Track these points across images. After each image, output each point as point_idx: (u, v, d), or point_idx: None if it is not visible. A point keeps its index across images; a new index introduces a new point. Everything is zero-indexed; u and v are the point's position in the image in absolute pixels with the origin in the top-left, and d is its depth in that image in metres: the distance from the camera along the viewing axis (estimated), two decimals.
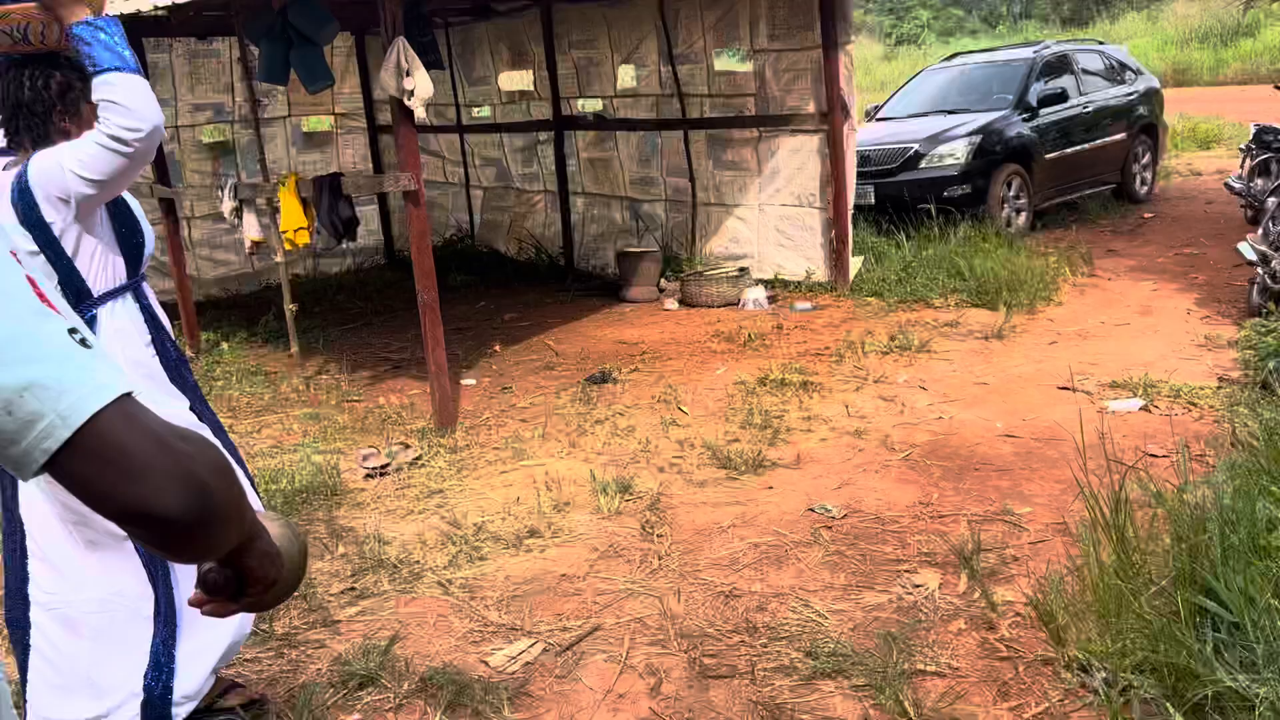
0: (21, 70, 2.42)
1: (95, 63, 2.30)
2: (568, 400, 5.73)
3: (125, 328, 2.50)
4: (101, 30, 2.31)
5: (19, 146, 2.47)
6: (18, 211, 2.35)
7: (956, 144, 9.05)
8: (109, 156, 2.31)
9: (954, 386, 5.44)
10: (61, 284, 2.39)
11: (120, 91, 2.29)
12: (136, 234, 2.57)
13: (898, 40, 41.98)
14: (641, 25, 8.82)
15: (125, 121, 2.29)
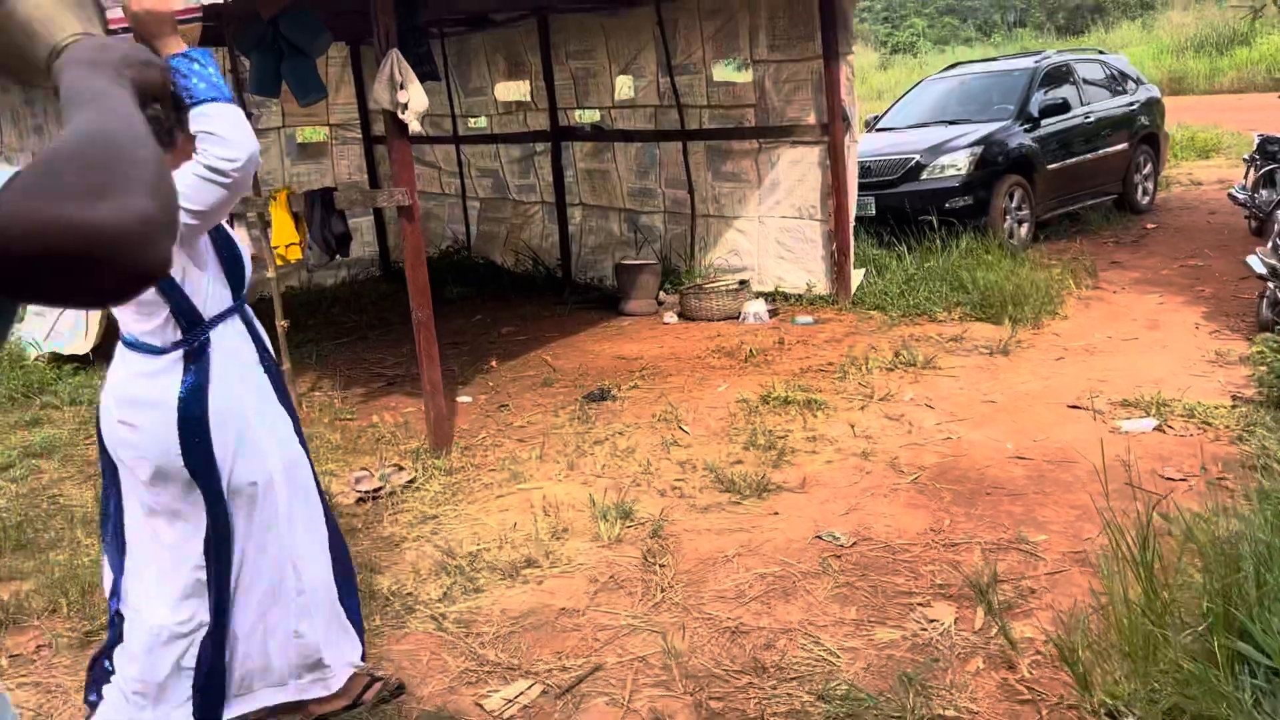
0: None
1: (192, 94, 2.35)
2: (566, 419, 5.59)
3: (236, 348, 2.59)
4: (196, 62, 2.37)
5: None
6: None
7: (958, 155, 8.94)
8: (209, 187, 2.35)
9: (961, 405, 5.32)
10: (174, 312, 2.47)
11: (218, 122, 2.34)
12: (237, 257, 2.65)
13: (893, 49, 42.02)
14: (640, 35, 8.71)
15: (223, 152, 2.34)
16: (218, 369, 2.51)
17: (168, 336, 2.49)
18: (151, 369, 2.48)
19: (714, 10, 8.10)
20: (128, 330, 2.55)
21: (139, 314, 2.49)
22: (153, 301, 2.45)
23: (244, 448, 2.54)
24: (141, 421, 2.49)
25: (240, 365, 2.58)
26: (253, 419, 2.58)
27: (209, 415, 2.49)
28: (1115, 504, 3.78)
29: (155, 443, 2.48)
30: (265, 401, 2.64)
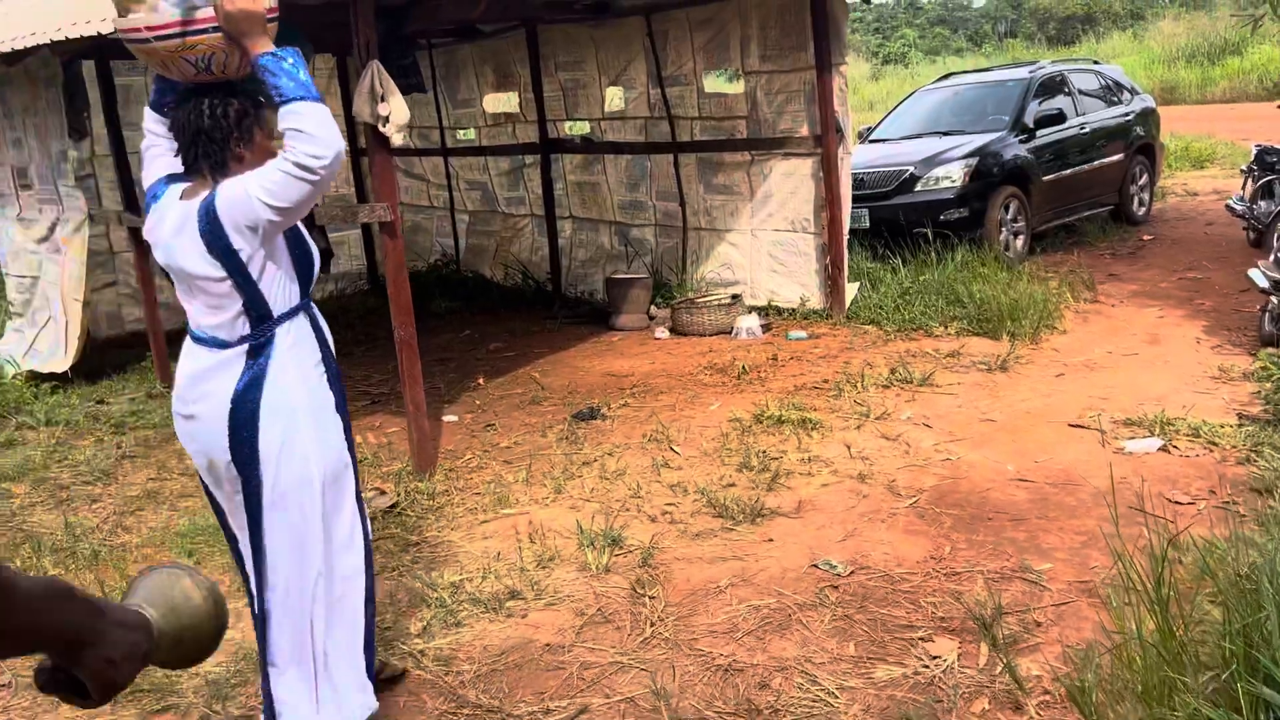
0: (201, 98, 2.49)
1: (281, 92, 2.39)
2: (554, 439, 5.44)
3: (298, 345, 2.59)
4: (285, 60, 2.41)
5: (196, 173, 2.54)
6: (205, 240, 2.44)
7: (953, 166, 8.83)
8: (295, 184, 2.38)
9: (960, 424, 5.18)
10: (246, 307, 2.51)
11: (306, 120, 2.37)
12: (308, 255, 2.67)
13: (884, 60, 42.05)
14: (629, 46, 8.59)
15: (311, 149, 2.36)
16: (276, 365, 2.53)
17: (236, 330, 2.53)
18: (215, 362, 2.52)
19: (704, 21, 7.98)
20: (197, 324, 2.59)
21: (210, 307, 2.53)
22: (226, 295, 2.49)
23: (289, 448, 2.54)
24: (198, 411, 2.54)
25: (299, 363, 2.58)
26: (302, 419, 2.56)
27: (260, 410, 2.50)
28: (1123, 530, 3.64)
29: (208, 434, 2.52)
30: (319, 403, 2.62)
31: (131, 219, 6.98)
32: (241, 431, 2.50)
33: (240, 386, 2.50)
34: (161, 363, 7.21)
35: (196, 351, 2.59)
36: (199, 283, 2.50)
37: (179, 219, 2.50)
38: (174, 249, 2.51)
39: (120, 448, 5.91)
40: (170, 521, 4.70)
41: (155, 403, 6.85)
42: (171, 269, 2.57)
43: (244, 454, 2.51)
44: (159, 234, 2.57)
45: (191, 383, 2.57)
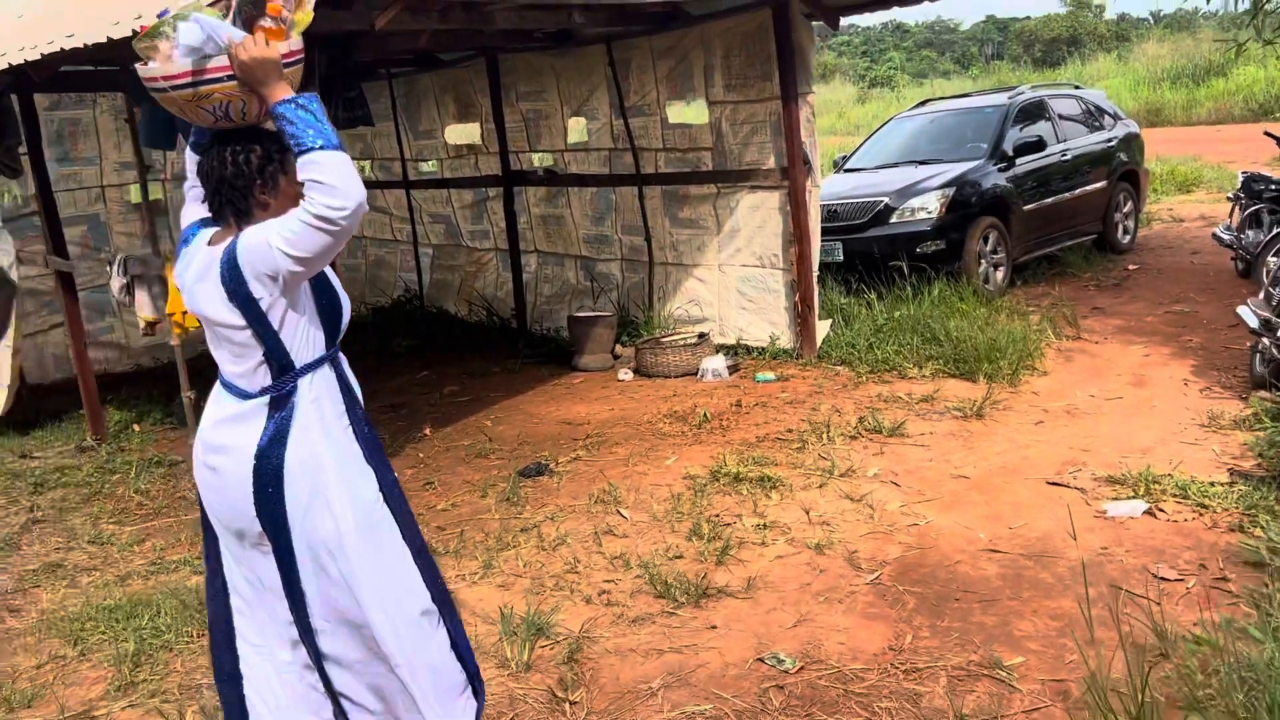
0: (224, 146, 2.45)
1: (299, 142, 2.31)
2: (494, 500, 5.05)
3: (322, 398, 2.53)
4: (304, 109, 2.33)
5: (222, 219, 2.50)
6: (226, 287, 2.38)
7: (929, 197, 8.50)
8: (315, 235, 2.31)
9: (930, 481, 4.80)
10: (267, 357, 2.45)
11: (326, 170, 2.29)
12: (336, 305, 2.59)
13: (871, 83, 41.96)
14: (591, 75, 8.27)
15: (331, 201, 2.28)
16: (300, 419, 2.47)
17: (257, 381, 2.48)
18: (237, 412, 2.48)
19: (667, 49, 7.66)
20: (223, 371, 2.54)
21: (234, 355, 2.48)
22: (247, 344, 2.44)
23: (316, 504, 2.47)
24: (221, 465, 2.49)
25: (323, 417, 2.51)
26: (329, 475, 2.49)
27: (285, 467, 2.45)
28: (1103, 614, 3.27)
29: (232, 490, 2.47)
30: (345, 457, 2.55)
31: (57, 262, 6.59)
32: (266, 488, 2.45)
33: (264, 442, 2.46)
34: (93, 413, 6.81)
35: (223, 399, 2.55)
36: (221, 330, 2.45)
37: (203, 265, 2.45)
38: (196, 294, 2.47)
39: (33, 510, 5.50)
40: (65, 600, 4.29)
41: (84, 458, 6.45)
42: (196, 314, 2.52)
43: (269, 512, 2.46)
44: (185, 279, 2.52)
45: (214, 432, 2.53)
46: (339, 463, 2.52)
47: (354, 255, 11.20)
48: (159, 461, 6.25)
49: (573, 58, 8.32)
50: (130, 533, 5.10)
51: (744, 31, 7.14)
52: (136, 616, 3.98)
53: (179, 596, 4.06)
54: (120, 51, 4.04)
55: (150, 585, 4.38)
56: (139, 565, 4.66)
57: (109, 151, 8.88)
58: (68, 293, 6.68)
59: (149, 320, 5.53)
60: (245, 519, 2.48)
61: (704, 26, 7.35)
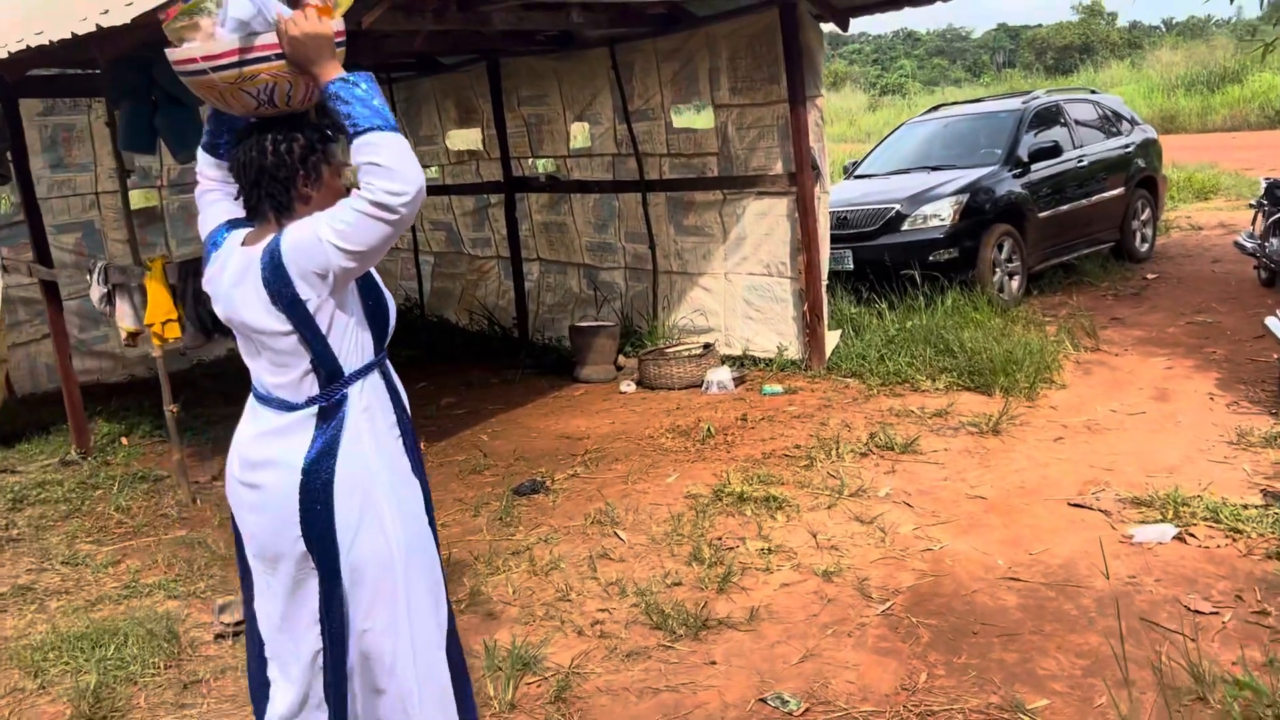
0: (264, 134, 2.27)
1: (355, 122, 2.13)
2: (487, 519, 4.82)
3: (372, 406, 2.36)
4: (358, 86, 2.16)
5: (260, 216, 2.31)
6: (269, 289, 2.20)
7: (942, 203, 8.26)
8: (372, 225, 2.12)
9: (945, 502, 4.55)
10: (315, 364, 2.27)
11: (384, 152, 2.10)
12: (383, 305, 2.43)
13: (882, 90, 41.70)
14: (594, 79, 8.05)
15: (390, 185, 2.09)
16: (351, 430, 2.31)
17: (304, 391, 2.30)
18: (281, 425, 2.31)
19: (671, 52, 7.44)
20: (260, 383, 2.37)
21: (275, 365, 2.31)
22: (292, 352, 2.26)
23: (367, 521, 2.31)
24: (264, 481, 2.31)
25: (374, 427, 2.35)
26: (381, 489, 2.33)
27: (335, 482, 2.28)
28: (1134, 651, 3.02)
29: (275, 508, 2.29)
30: (397, 470, 2.39)
31: (41, 271, 6.39)
32: (315, 505, 2.27)
33: (312, 455, 2.28)
34: (77, 426, 6.60)
35: (261, 413, 2.37)
36: (262, 337, 2.28)
37: (240, 267, 2.27)
38: (234, 300, 2.29)
39: (8, 528, 5.29)
40: (31, 628, 4.07)
41: (67, 472, 6.24)
42: (233, 323, 2.35)
43: (318, 531, 2.28)
44: (219, 284, 2.33)
45: (254, 447, 2.35)
46: (390, 476, 2.36)
47: None
48: (143, 477, 6.04)
49: (575, 61, 8.11)
50: (106, 553, 4.88)
51: (750, 33, 6.92)
52: (102, 646, 3.75)
53: (147, 625, 3.84)
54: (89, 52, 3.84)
55: (121, 610, 4.16)
56: (111, 589, 4.44)
57: (104, 158, 8.68)
58: (52, 302, 6.48)
59: (130, 331, 5.32)
60: (288, 540, 2.31)
61: (709, 28, 7.13)
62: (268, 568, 2.40)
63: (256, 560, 2.43)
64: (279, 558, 2.36)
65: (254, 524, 2.37)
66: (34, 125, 8.48)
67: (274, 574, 2.39)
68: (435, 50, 8.20)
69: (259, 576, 2.45)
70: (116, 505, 5.52)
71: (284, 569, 2.36)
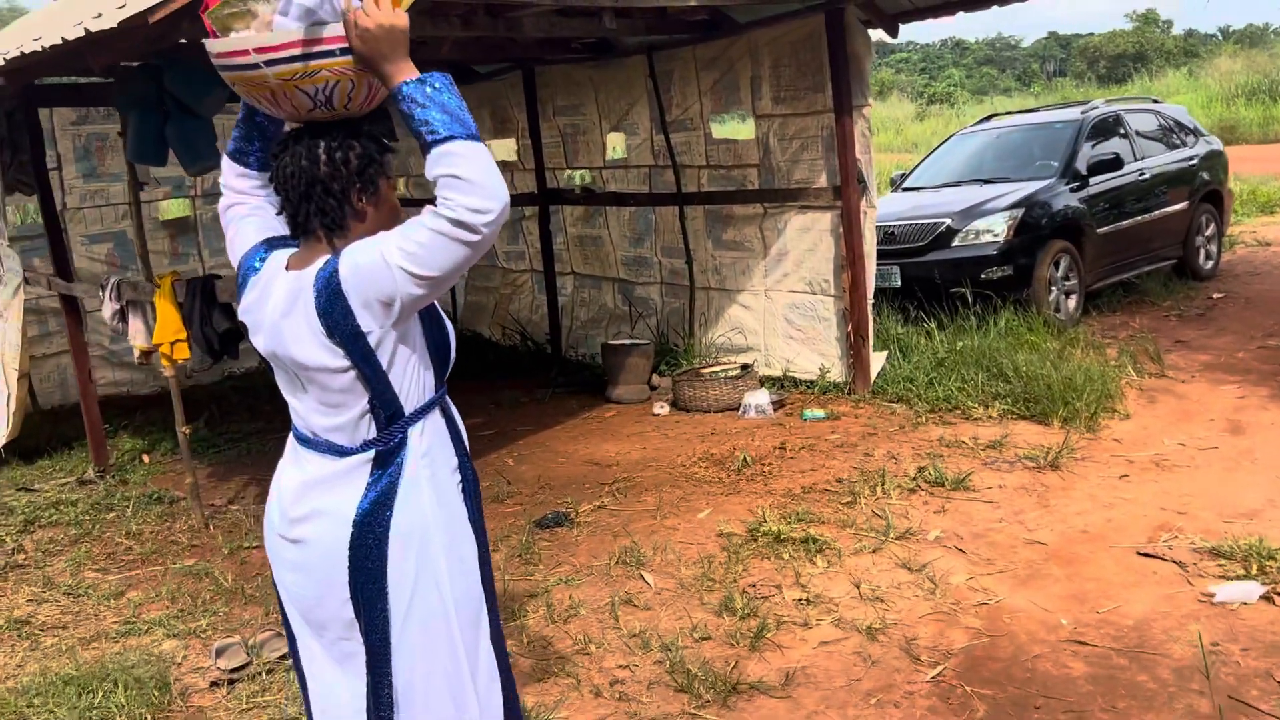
0: (316, 140, 1.99)
1: (432, 129, 1.85)
2: (505, 555, 4.53)
3: (433, 449, 2.09)
4: (432, 86, 1.88)
5: (307, 234, 2.04)
6: (325, 321, 1.93)
7: (995, 218, 7.87)
8: (449, 247, 1.85)
9: (1001, 547, 4.19)
10: (373, 404, 2.01)
11: (466, 164, 1.84)
12: (445, 337, 2.15)
13: (930, 99, 41.06)
14: (631, 88, 7.77)
15: (473, 201, 1.82)
16: (409, 477, 2.04)
17: (359, 434, 2.03)
18: (330, 472, 2.04)
19: (711, 59, 7.13)
20: (308, 425, 2.08)
21: (327, 405, 2.03)
22: (348, 390, 1.99)
23: (424, 576, 2.05)
24: (310, 536, 2.05)
25: (434, 473, 2.08)
26: (438, 540, 2.07)
27: (390, 534, 2.02)
28: None
29: (322, 565, 2.04)
30: (455, 518, 2.13)
31: (62, 285, 6.22)
32: (366, 562, 2.02)
33: (365, 505, 2.01)
34: (95, 443, 6.42)
35: (305, 458, 2.09)
36: (314, 374, 2.00)
37: (287, 295, 1.99)
38: (282, 333, 2.00)
39: (15, 553, 5.10)
40: (20, 668, 3.84)
41: (83, 491, 6.06)
42: (278, 358, 2.05)
43: (368, 589, 2.03)
44: (261, 314, 2.05)
45: (298, 498, 2.07)
46: (449, 527, 2.11)
47: None
48: (159, 498, 5.83)
49: (612, 69, 7.84)
50: (112, 583, 4.66)
51: (794, 40, 6.60)
52: (90, 692, 3.51)
53: (135, 672, 3.58)
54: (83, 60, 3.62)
55: (117, 649, 3.92)
56: (111, 624, 4.20)
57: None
58: (70, 316, 6.32)
59: (143, 349, 5.11)
60: (335, 601, 2.06)
61: (751, 35, 6.82)
62: (314, 632, 2.16)
63: (302, 627, 2.18)
64: (324, 624, 2.11)
65: (295, 584, 2.12)
66: (67, 134, 8.40)
67: (320, 639, 2.15)
68: (470, 58, 7.98)
69: (303, 640, 2.20)
70: (127, 530, 5.31)
71: (330, 635, 2.11)
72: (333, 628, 2.10)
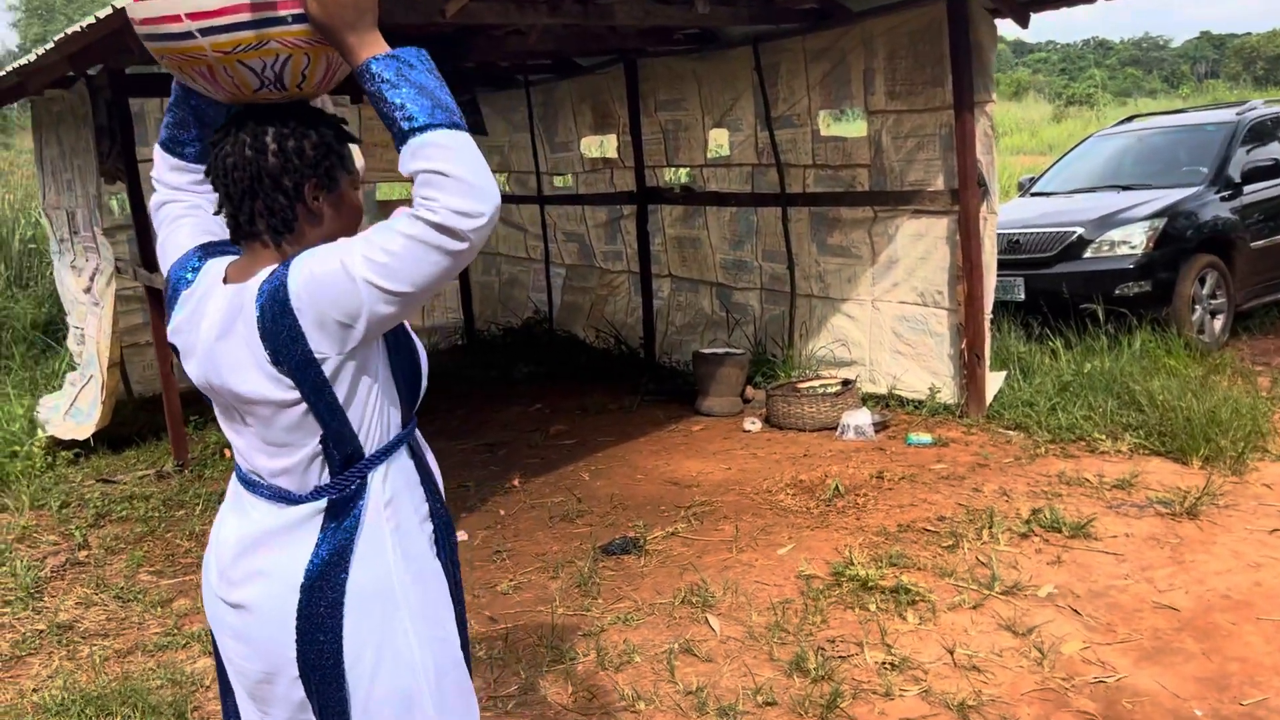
0: (263, 126, 1.64)
1: (410, 116, 1.52)
2: (565, 584, 4.18)
3: (399, 496, 1.75)
4: (411, 66, 1.55)
5: (250, 239, 1.69)
6: (269, 344, 1.59)
7: (1133, 229, 7.16)
8: (428, 256, 1.51)
9: (1125, 611, 3.62)
10: (326, 444, 1.66)
11: (451, 157, 1.50)
12: (415, 365, 1.80)
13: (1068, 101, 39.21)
14: (736, 82, 7.34)
15: (460, 203, 1.49)
16: (370, 530, 1.70)
17: (310, 479, 1.69)
18: (275, 525, 1.70)
19: (821, 51, 6.64)
20: (251, 466, 1.74)
21: (271, 444, 1.68)
22: (296, 427, 1.65)
23: (387, 650, 1.70)
24: (251, 600, 1.71)
25: (400, 525, 1.74)
26: (405, 608, 1.72)
27: (345, 600, 1.67)
28: None
29: (265, 636, 1.70)
30: (427, 575, 1.78)
31: (145, 275, 6.17)
32: (317, 634, 1.67)
33: (315, 565, 1.67)
34: (176, 436, 6.36)
35: (248, 505, 1.75)
36: (254, 408, 1.65)
37: (225, 313, 1.64)
38: (218, 358, 1.65)
39: (79, 549, 5.00)
40: (51, 680, 3.67)
41: (160, 485, 5.99)
42: (214, 388, 1.70)
43: (320, 664, 1.68)
44: (194, 336, 1.70)
45: (239, 555, 1.73)
46: (419, 587, 1.76)
47: (488, 272, 10.64)
48: None
49: (716, 61, 7.42)
50: (164, 588, 4.50)
51: (912, 29, 6.06)
52: (110, 715, 3.30)
53: (156, 697, 3.35)
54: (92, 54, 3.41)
55: (151, 665, 3.72)
56: (153, 634, 4.02)
57: None
58: (155, 307, 6.26)
59: None
60: (284, 680, 1.72)
61: (865, 24, 6.31)
62: (259, 708, 1.82)
63: (247, 704, 1.85)
64: (269, 701, 1.77)
65: (239, 656, 1.79)
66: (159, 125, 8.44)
67: (268, 713, 1.81)
68: (568, 49, 7.67)
69: (247, 716, 1.87)
70: (190, 530, 5.17)
71: (279, 709, 1.77)
72: (280, 709, 1.76)
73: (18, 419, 7.14)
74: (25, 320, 9.76)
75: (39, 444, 6.67)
